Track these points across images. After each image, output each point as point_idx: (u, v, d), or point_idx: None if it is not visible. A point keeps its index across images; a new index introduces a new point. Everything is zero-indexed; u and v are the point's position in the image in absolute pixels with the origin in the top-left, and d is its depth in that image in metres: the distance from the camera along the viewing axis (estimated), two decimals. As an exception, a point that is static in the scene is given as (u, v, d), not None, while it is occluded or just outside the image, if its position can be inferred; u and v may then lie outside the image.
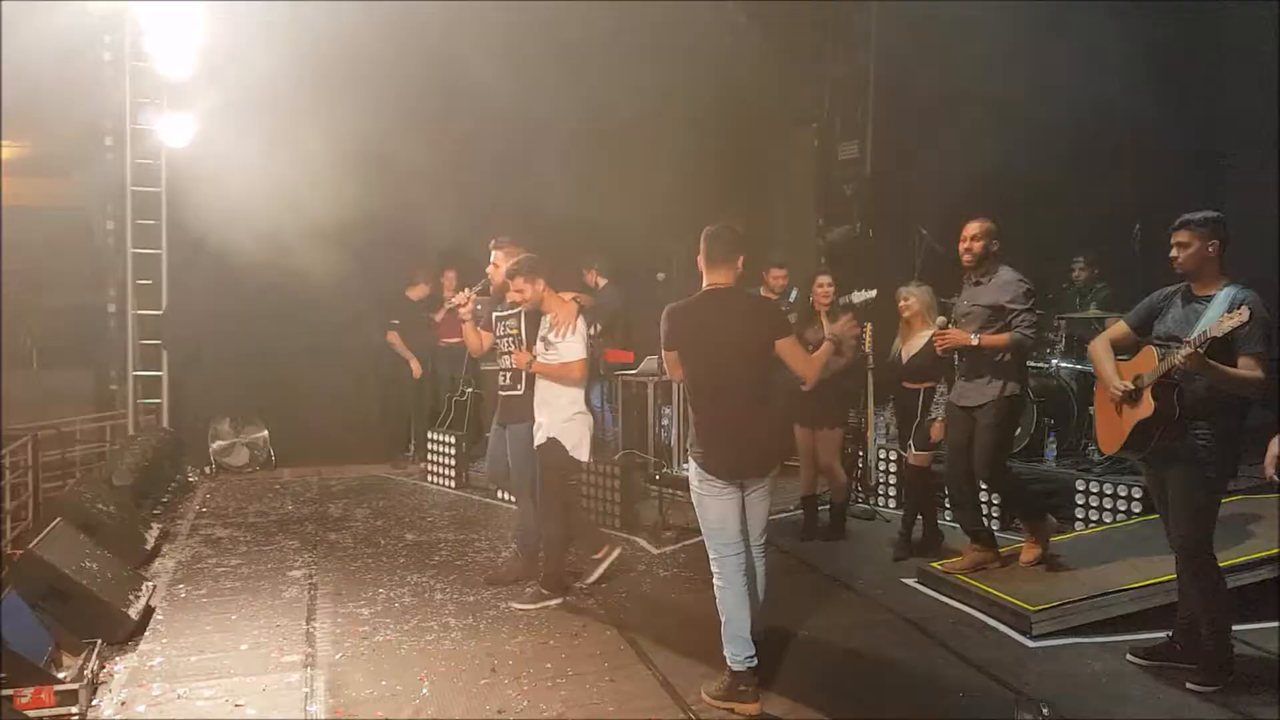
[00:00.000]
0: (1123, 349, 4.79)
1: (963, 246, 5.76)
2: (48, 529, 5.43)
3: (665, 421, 9.14)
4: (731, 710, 4.25)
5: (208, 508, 8.29)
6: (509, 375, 6.01)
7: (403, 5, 8.55)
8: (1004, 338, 5.60)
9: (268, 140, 8.54)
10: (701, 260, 4.50)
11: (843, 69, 10.91)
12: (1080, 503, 6.91)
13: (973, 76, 8.97)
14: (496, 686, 4.53)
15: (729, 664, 4.31)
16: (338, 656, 4.92)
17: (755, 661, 4.29)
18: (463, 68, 9.32)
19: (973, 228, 5.74)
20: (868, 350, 7.09)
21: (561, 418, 5.72)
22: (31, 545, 5.19)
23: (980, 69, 8.88)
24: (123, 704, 4.36)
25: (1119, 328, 4.79)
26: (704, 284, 4.49)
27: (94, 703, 4.35)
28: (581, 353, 5.73)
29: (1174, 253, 4.46)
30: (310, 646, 5.05)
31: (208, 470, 9.71)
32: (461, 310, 6.07)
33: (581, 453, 5.82)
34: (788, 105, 11.15)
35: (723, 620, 4.37)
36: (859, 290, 7.00)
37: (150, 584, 5.83)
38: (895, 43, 10.23)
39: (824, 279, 6.94)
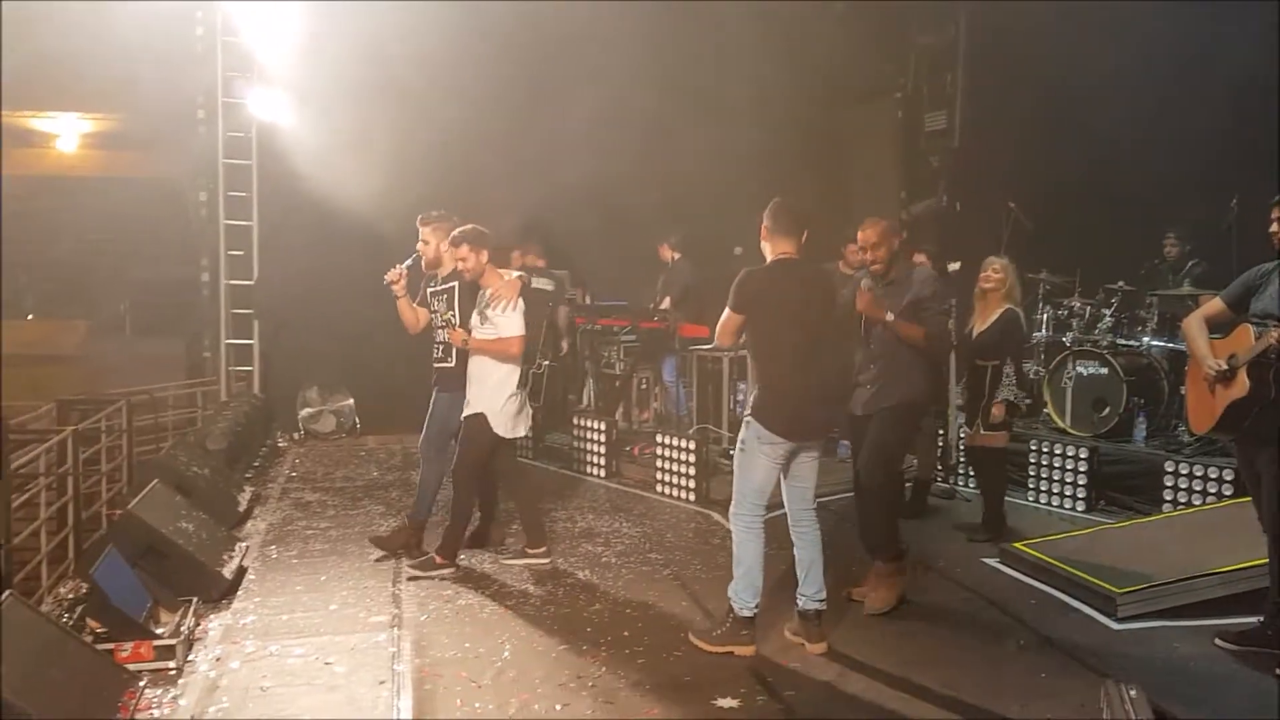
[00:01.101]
0: (1217, 327, 4.65)
1: (865, 256, 5.31)
2: (146, 490, 5.65)
3: (740, 397, 9.12)
4: (731, 653, 4.51)
5: (297, 472, 8.56)
6: (441, 348, 6.02)
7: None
8: (921, 330, 5.10)
9: (355, 114, 8.70)
10: (768, 232, 4.69)
11: (931, 38, 10.67)
12: (1169, 484, 6.73)
13: (1065, 45, 8.72)
14: (574, 653, 4.61)
15: (737, 610, 4.54)
16: (423, 619, 5.05)
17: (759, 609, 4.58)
18: (537, 45, 9.37)
19: (869, 234, 5.23)
20: (951, 327, 6.96)
21: (492, 395, 5.71)
22: (131, 506, 5.41)
23: (1073, 36, 8.63)
24: (217, 660, 4.53)
25: (1214, 305, 4.65)
26: (771, 255, 4.68)
27: (190, 658, 4.52)
28: (520, 329, 5.69)
29: (1273, 228, 4.31)
30: (396, 608, 5.19)
31: (296, 436, 10.00)
32: (394, 287, 5.97)
33: (519, 429, 5.84)
34: (871, 75, 10.96)
35: (739, 570, 4.59)
36: (946, 264, 6.90)
37: (243, 545, 6.05)
38: (986, 11, 9.97)
39: (919, 257, 6.87)
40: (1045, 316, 8.45)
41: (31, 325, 20.55)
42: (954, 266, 6.84)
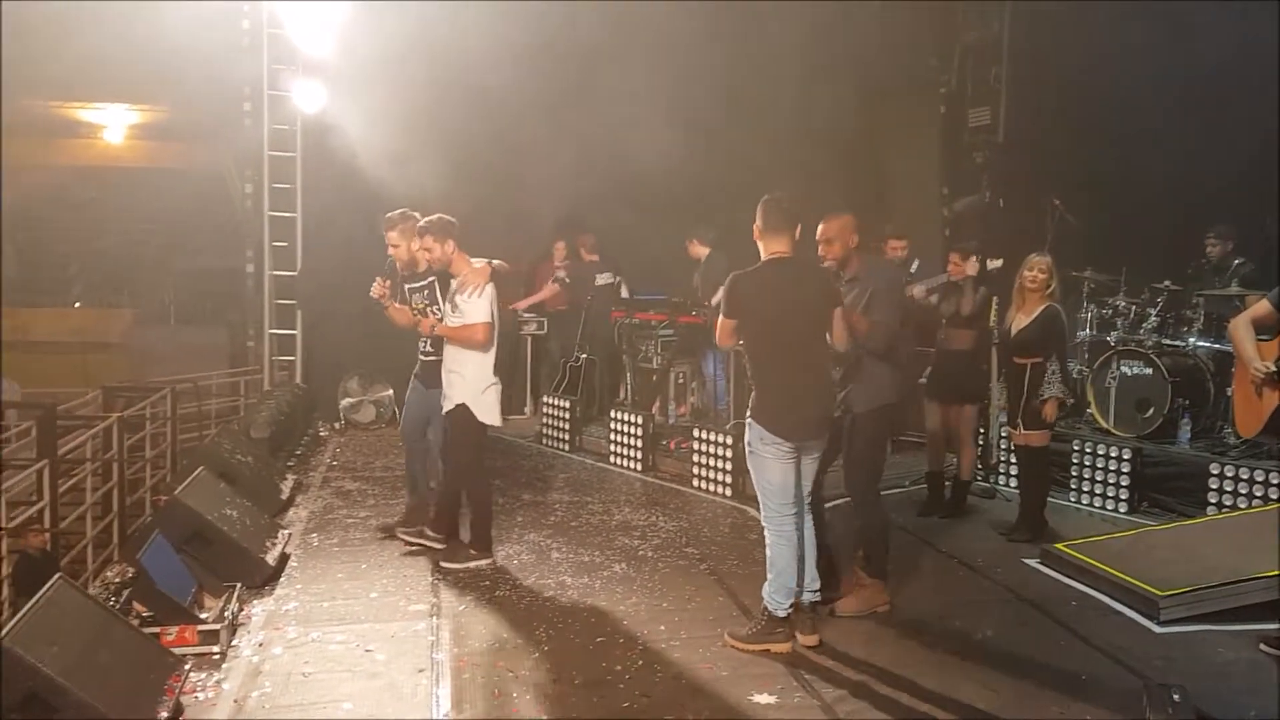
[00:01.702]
0: (1265, 329, 4.57)
1: (820, 251, 5.05)
2: (191, 477, 5.74)
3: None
4: (767, 650, 4.52)
5: (338, 461, 8.66)
6: (429, 342, 6.03)
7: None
8: (866, 321, 4.86)
9: (397, 107, 8.77)
10: (759, 230, 4.66)
11: (975, 33, 10.55)
12: (1214, 487, 6.64)
13: (1111, 40, 8.59)
14: (611, 646, 4.63)
15: (771, 611, 4.57)
16: (461, 608, 5.10)
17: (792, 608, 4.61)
18: (578, 40, 9.39)
19: (827, 229, 5.02)
20: (992, 324, 6.91)
21: (469, 385, 5.70)
22: (177, 492, 5.50)
23: (1119, 31, 8.50)
24: (260, 645, 4.60)
25: (1262, 306, 4.58)
26: (764, 254, 4.65)
27: (233, 643, 4.59)
28: (485, 316, 5.65)
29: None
30: (435, 597, 5.25)
31: (337, 425, 10.11)
32: (382, 300, 5.93)
33: (493, 418, 5.81)
34: (914, 70, 10.87)
35: (772, 573, 4.60)
36: (987, 260, 6.84)
37: (286, 532, 6.14)
38: (1031, 5, 9.85)
39: (955, 255, 6.82)
40: (1089, 315, 8.35)
41: (79, 313, 21.00)
42: (996, 264, 6.77)
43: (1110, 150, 8.81)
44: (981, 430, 7.55)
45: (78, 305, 21.24)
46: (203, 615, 4.69)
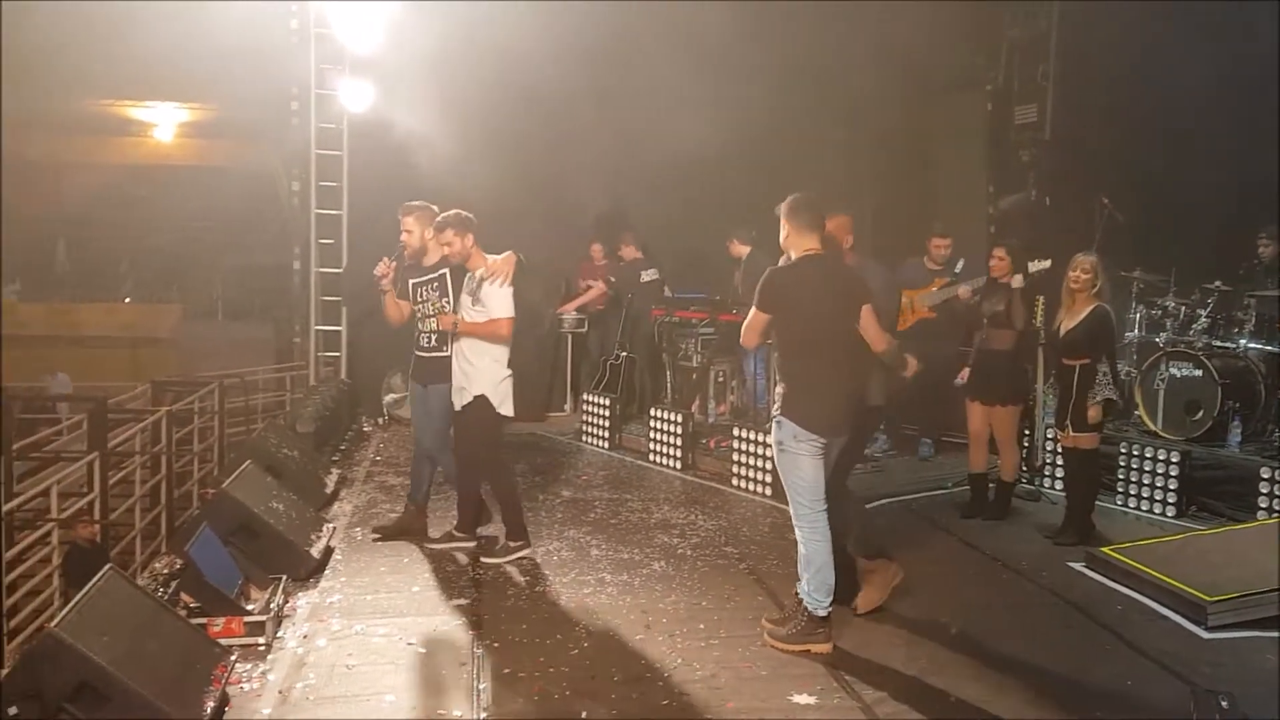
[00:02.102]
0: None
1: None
2: (239, 470, 5.82)
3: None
4: (807, 651, 4.50)
5: (381, 456, 8.75)
6: (434, 337, 6.01)
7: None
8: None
9: (441, 106, 8.84)
10: (792, 228, 4.65)
11: (1022, 30, 10.43)
12: (1265, 491, 6.52)
13: (1159, 37, 8.45)
14: (650, 643, 4.64)
15: (811, 610, 4.53)
16: (501, 603, 5.14)
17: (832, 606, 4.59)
18: (622, 38, 9.40)
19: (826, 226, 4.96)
20: (1038, 325, 6.82)
21: (488, 376, 5.72)
22: (225, 485, 5.58)
23: (1168, 28, 8.36)
24: (305, 637, 4.66)
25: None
26: (796, 251, 4.65)
27: (278, 635, 4.66)
28: (509, 310, 5.69)
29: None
30: (476, 592, 5.29)
31: (380, 421, 10.21)
32: (383, 281, 5.94)
33: (509, 409, 5.82)
34: (960, 68, 10.76)
35: (809, 572, 4.57)
36: (1034, 260, 6.76)
37: (330, 526, 6.21)
38: (1079, 3, 9.72)
39: (999, 251, 6.75)
40: (1138, 316, 8.23)
41: (128, 308, 21.41)
42: (1044, 265, 6.69)
43: (1160, 148, 8.68)
44: (1026, 431, 7.47)
45: (128, 301, 21.65)
46: (249, 607, 4.75)
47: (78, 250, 22.18)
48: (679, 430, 8.38)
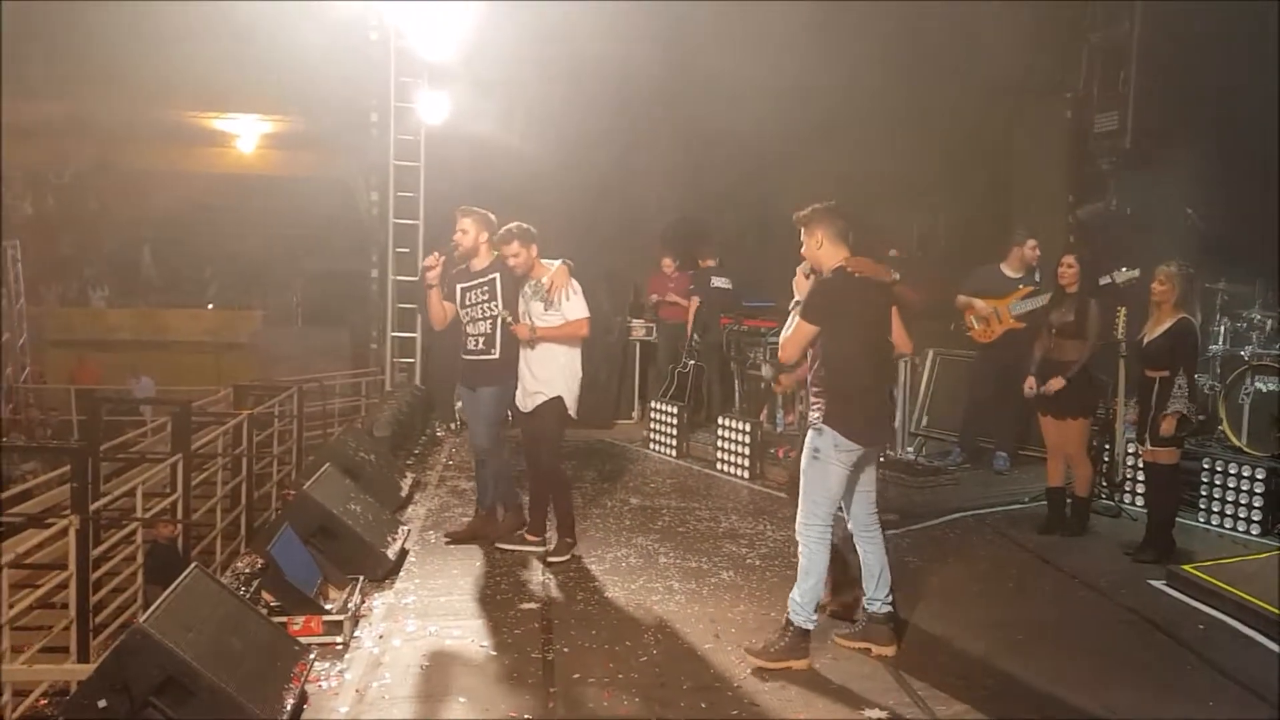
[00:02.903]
0: None
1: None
2: (319, 472, 5.96)
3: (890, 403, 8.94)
4: (789, 668, 4.42)
5: (453, 461, 8.89)
6: (482, 340, 6.08)
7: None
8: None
9: (516, 116, 8.97)
10: (826, 237, 4.65)
11: (1103, 35, 10.22)
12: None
13: (1244, 42, 8.23)
14: (719, 652, 4.64)
15: (799, 624, 4.48)
16: (571, 608, 5.18)
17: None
18: (696, 46, 9.43)
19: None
20: (1120, 336, 6.66)
21: (564, 378, 5.90)
22: (306, 487, 5.72)
23: (1253, 33, 8.14)
24: (380, 637, 4.75)
25: None
26: (829, 262, 4.64)
27: (355, 634, 4.75)
28: (585, 311, 5.86)
29: None
30: (547, 596, 5.35)
31: (452, 426, 10.36)
32: (429, 275, 6.01)
33: (573, 410, 5.98)
34: (1039, 74, 10.58)
35: (808, 582, 4.53)
36: (1121, 269, 6.62)
37: (405, 528, 6.33)
38: (1162, 5, 9.50)
39: (1068, 259, 6.61)
40: (1223, 328, 8.00)
41: (211, 314, 22.05)
42: (1132, 274, 6.54)
43: (1246, 156, 8.43)
44: (1106, 446, 7.30)
45: (211, 307, 22.28)
46: (327, 606, 4.85)
47: (163, 257, 22.90)
48: (747, 439, 8.36)
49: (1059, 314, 6.55)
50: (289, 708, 3.83)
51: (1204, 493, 7.06)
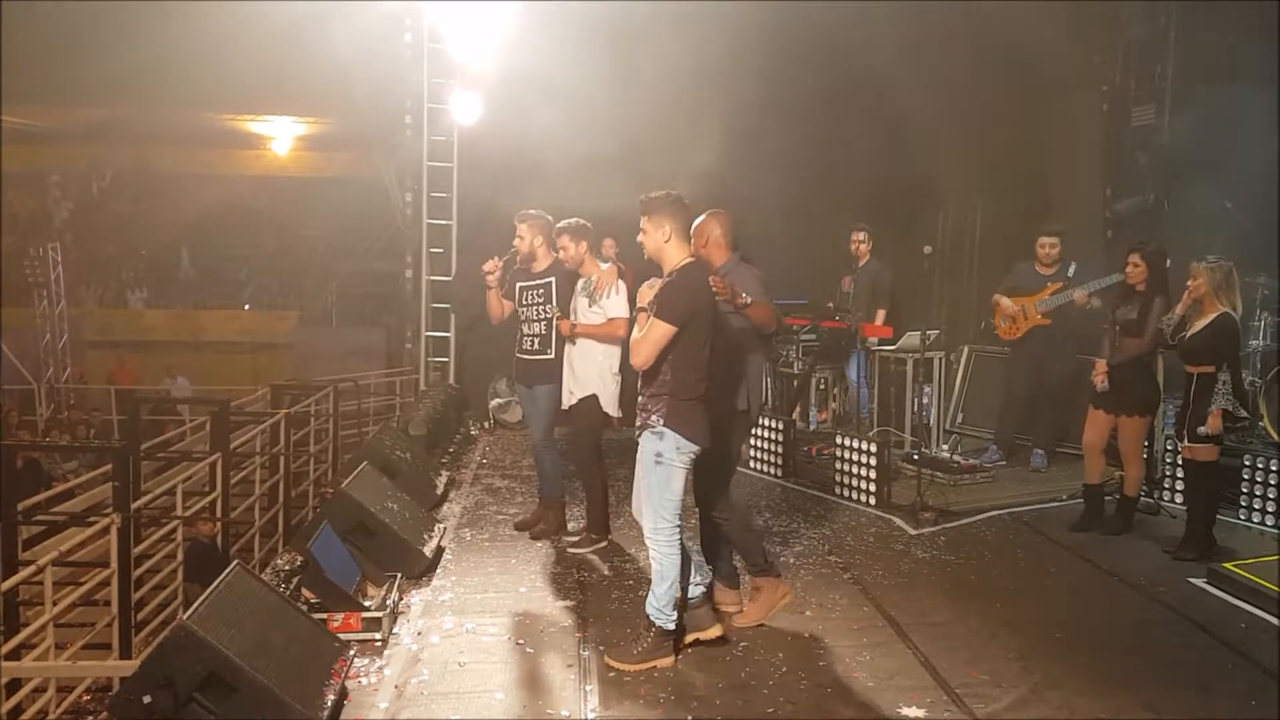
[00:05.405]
0: None
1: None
2: (357, 471, 6.02)
3: (925, 400, 8.90)
4: (654, 667, 4.41)
5: (487, 459, 8.94)
6: (538, 340, 6.22)
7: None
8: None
9: (549, 119, 9.00)
10: (674, 230, 4.52)
11: (1140, 28, 10.09)
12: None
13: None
14: (754, 650, 4.64)
15: (661, 625, 4.47)
16: (606, 606, 5.20)
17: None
18: (726, 50, 9.42)
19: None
20: (1166, 331, 6.56)
21: (601, 377, 5.96)
22: (344, 485, 5.78)
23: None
24: (419, 634, 4.79)
25: None
26: (679, 257, 4.52)
27: (394, 631, 4.80)
28: (625, 311, 5.86)
29: None
30: (582, 594, 5.37)
31: (487, 425, 10.43)
32: (489, 277, 6.12)
33: (614, 409, 6.06)
34: (1075, 67, 10.47)
35: (664, 585, 4.48)
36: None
37: (441, 526, 6.37)
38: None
39: (1134, 256, 6.51)
40: (1263, 324, 7.89)
41: (248, 315, 22.31)
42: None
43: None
44: (1145, 443, 7.21)
45: (248, 307, 22.53)
46: (365, 603, 4.90)
47: (200, 258, 23.20)
48: (780, 437, 8.34)
49: (1124, 310, 6.48)
50: (329, 703, 3.88)
51: (1245, 489, 6.96)
